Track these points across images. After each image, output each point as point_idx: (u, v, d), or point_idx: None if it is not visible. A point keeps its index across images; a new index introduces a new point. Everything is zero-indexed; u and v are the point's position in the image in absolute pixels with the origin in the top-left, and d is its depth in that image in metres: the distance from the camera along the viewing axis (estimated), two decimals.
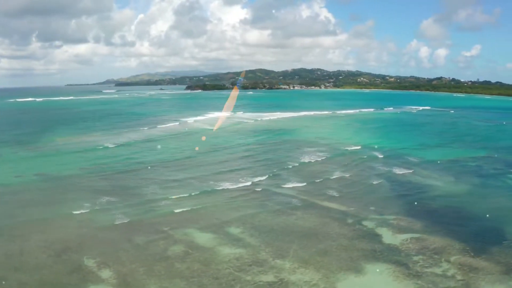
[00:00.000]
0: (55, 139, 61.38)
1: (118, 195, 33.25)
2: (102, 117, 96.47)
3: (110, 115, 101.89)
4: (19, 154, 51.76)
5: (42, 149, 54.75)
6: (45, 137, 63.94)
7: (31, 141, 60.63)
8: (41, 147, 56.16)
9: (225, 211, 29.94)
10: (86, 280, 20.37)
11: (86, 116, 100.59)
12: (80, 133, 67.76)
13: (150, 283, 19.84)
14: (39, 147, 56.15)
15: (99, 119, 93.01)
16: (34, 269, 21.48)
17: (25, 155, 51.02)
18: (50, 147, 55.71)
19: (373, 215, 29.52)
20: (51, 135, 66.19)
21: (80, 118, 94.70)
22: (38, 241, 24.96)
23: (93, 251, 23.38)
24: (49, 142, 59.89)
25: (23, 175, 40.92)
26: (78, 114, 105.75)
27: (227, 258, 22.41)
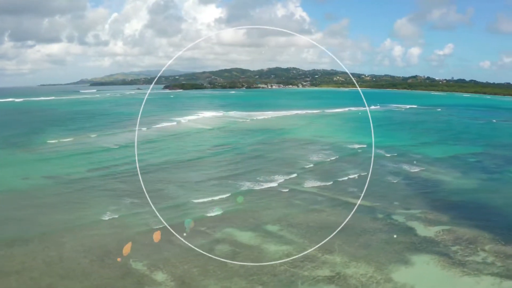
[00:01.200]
0: (50, 141, 60.13)
1: (140, 198, 33.01)
2: (90, 118, 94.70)
3: (98, 115, 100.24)
4: (18, 156, 50.58)
5: (40, 150, 53.61)
6: (38, 139, 62.57)
7: (25, 142, 59.19)
8: (38, 148, 54.96)
9: (257, 211, 30.61)
10: (142, 283, 20.44)
11: (74, 116, 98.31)
12: (74, 134, 66.53)
13: (210, 283, 20.29)
14: (36, 149, 54.92)
15: (88, 119, 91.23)
16: (81, 275, 21.27)
17: (24, 157, 49.84)
18: (48, 149, 54.58)
19: (400, 210, 31.12)
20: (43, 136, 64.81)
21: (68, 118, 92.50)
22: (74, 246, 24.58)
23: (138, 255, 23.22)
24: (44, 143, 58.69)
25: (30, 178, 40.20)
26: (65, 115, 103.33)
27: (277, 255, 23.22)
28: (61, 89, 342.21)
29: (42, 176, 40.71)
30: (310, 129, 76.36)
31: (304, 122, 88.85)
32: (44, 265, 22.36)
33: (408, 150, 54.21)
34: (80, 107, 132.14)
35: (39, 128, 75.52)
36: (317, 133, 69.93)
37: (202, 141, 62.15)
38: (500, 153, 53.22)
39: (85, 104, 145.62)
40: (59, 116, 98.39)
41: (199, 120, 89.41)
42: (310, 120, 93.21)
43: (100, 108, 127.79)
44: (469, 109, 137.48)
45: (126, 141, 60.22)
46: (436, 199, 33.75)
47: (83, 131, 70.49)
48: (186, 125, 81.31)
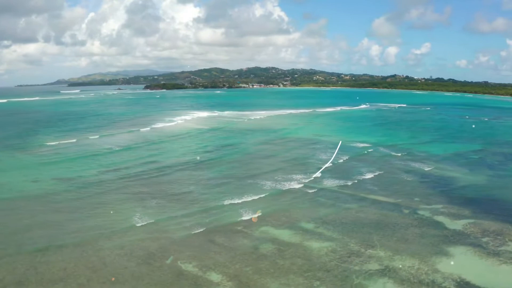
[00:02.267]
0: (49, 142, 59.20)
1: (167, 201, 33.45)
2: (82, 118, 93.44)
3: (88, 116, 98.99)
4: (20, 159, 49.72)
5: (42, 153, 52.91)
6: (36, 140, 61.59)
7: (23, 144, 58.19)
8: (39, 151, 54.17)
9: (288, 210, 31.45)
10: (199, 284, 20.77)
11: (64, 117, 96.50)
12: (71, 135, 65.57)
13: (268, 281, 21.00)
14: (36, 151, 54.12)
15: (80, 120, 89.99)
16: (132, 279, 21.38)
17: (27, 160, 49.05)
18: (50, 151, 53.84)
19: (422, 205, 32.84)
20: (40, 138, 63.89)
21: (59, 119, 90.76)
22: (113, 251, 24.53)
23: (184, 256, 23.67)
24: (43, 145, 57.81)
25: (39, 181, 39.82)
26: (55, 116, 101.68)
27: (322, 252, 24.31)
28: (40, 90, 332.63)
29: (51, 178, 40.40)
30: (309, 128, 77.92)
31: (300, 122, 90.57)
32: (89, 271, 22.28)
33: (412, 148, 56.47)
34: (67, 107, 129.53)
35: (32, 129, 74.01)
36: (317, 132, 71.57)
37: (207, 141, 62.55)
38: (499, 151, 56.32)
39: (72, 105, 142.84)
40: (49, 117, 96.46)
41: (195, 120, 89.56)
42: (306, 120, 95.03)
43: (88, 108, 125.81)
44: (456, 108, 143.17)
45: (128, 142, 60.13)
46: (453, 195, 35.71)
47: (79, 132, 69.53)
48: (184, 125, 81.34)
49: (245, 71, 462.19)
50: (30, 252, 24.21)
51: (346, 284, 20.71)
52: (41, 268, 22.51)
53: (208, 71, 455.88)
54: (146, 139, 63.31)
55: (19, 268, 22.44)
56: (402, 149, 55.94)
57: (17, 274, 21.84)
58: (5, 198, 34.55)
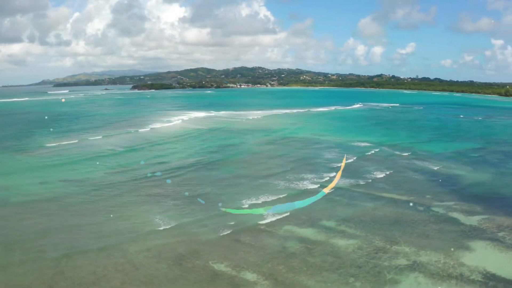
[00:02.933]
0: (48, 144, 58.82)
1: (184, 203, 33.46)
2: (76, 119, 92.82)
3: (82, 117, 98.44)
4: (20, 160, 49.45)
5: (41, 154, 52.66)
6: (34, 142, 61.12)
7: (20, 146, 57.85)
8: (38, 152, 53.88)
9: (306, 209, 31.78)
10: (237, 284, 21.16)
11: (58, 118, 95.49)
12: (67, 136, 65.43)
13: (303, 279, 21.58)
14: (36, 152, 53.83)
15: (74, 121, 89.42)
16: (167, 280, 21.57)
17: (28, 161, 48.74)
18: (50, 152, 53.62)
19: (435, 202, 34.06)
20: (37, 139, 63.49)
21: (53, 120, 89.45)
22: (140, 253, 24.63)
23: (214, 257, 23.99)
24: (42, 146, 57.51)
25: (47, 183, 39.58)
26: (48, 116, 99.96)
27: (350, 249, 25.14)
28: (26, 90, 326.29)
29: (61, 180, 40.26)
30: (309, 128, 78.93)
31: (297, 121, 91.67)
32: (120, 274, 22.37)
33: (414, 148, 57.92)
34: (58, 108, 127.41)
35: (27, 130, 73.34)
36: (318, 132, 72.66)
37: (209, 142, 62.84)
38: (497, 149, 58.32)
39: (63, 106, 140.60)
40: (41, 118, 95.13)
41: (193, 121, 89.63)
42: (303, 119, 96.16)
43: (80, 109, 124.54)
44: (447, 107, 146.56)
45: (130, 143, 60.01)
46: (462, 192, 37.11)
47: (77, 133, 69.10)
48: (182, 125, 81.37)
49: (232, 71, 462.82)
50: (53, 257, 24.07)
51: (379, 279, 21.55)
52: (68, 272, 22.46)
53: (194, 71, 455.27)
54: (147, 140, 63.29)
55: (46, 273, 22.34)
56: (405, 148, 57.39)
57: (45, 279, 21.80)
58: (16, 202, 34.21)
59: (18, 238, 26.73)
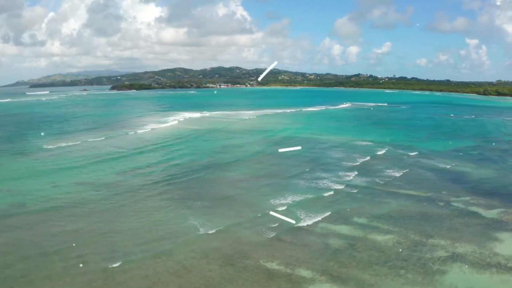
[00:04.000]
0: (44, 146, 58.52)
1: (214, 205, 33.88)
2: (65, 121, 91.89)
3: (71, 118, 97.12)
4: (23, 162, 48.96)
5: (44, 156, 52.36)
6: (29, 144, 60.75)
7: (18, 148, 57.34)
8: (39, 154, 53.61)
9: (334, 207, 33.54)
10: (296, 282, 21.89)
11: (47, 119, 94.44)
12: (64, 138, 65.39)
13: (357, 273, 22.74)
14: (37, 154, 53.57)
15: (64, 122, 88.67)
16: (225, 281, 21.92)
17: (32, 164, 48.29)
18: (52, 154, 53.38)
19: (452, 198, 36.21)
20: (32, 141, 63.19)
21: (42, 121, 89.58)
22: (187, 254, 24.86)
23: (261, 256, 24.56)
24: (41, 149, 57.08)
25: (60, 186, 39.38)
26: (36, 118, 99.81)
27: (390, 244, 26.66)
28: (3, 92, 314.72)
29: (72, 182, 40.31)
30: (306, 128, 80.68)
31: (293, 121, 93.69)
32: (174, 276, 22.57)
33: (415, 146, 60.65)
34: (44, 109, 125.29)
35: (19, 132, 72.50)
36: (317, 132, 74.54)
37: (213, 142, 63.46)
38: (494, 147, 61.82)
39: (48, 107, 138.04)
40: (30, 119, 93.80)
41: (190, 121, 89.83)
42: (298, 119, 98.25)
43: (67, 110, 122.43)
44: (434, 106, 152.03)
45: (134, 145, 60.05)
46: (474, 188, 39.51)
47: (72, 135, 68.89)
48: (180, 126, 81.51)
49: (209, 71, 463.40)
50: (99, 265, 23.64)
51: (427, 270, 23.15)
52: (120, 278, 22.38)
53: (172, 71, 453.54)
54: (150, 141, 63.33)
55: (96, 280, 22.16)
56: (409, 147, 59.96)
57: (96, 286, 21.72)
58: (37, 208, 33.24)
59: (54, 246, 26.07)
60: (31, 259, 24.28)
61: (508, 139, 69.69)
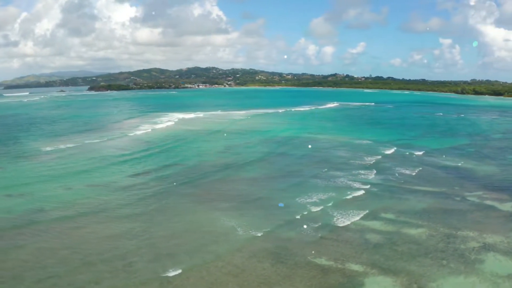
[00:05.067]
0: (42, 148, 58.06)
1: (242, 205, 34.35)
2: (54, 122, 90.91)
3: (59, 120, 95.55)
4: (26, 166, 48.37)
5: (45, 159, 52.02)
6: (25, 146, 60.39)
7: (14, 151, 56.88)
8: (40, 157, 53.25)
9: (357, 203, 34.93)
10: (350, 275, 22.84)
11: (34, 121, 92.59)
12: (59, 140, 65.02)
13: (405, 265, 24.17)
14: (37, 157, 53.13)
15: (53, 124, 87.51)
16: (282, 278, 22.54)
17: (36, 167, 47.89)
18: (54, 157, 52.99)
19: (466, 193, 38.46)
20: (27, 143, 62.84)
21: (29, 123, 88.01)
22: (235, 254, 25.46)
23: (308, 253, 25.40)
24: (39, 151, 56.60)
25: (73, 188, 39.34)
26: (21, 120, 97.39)
27: (423, 237, 28.33)
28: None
29: (85, 185, 40.36)
30: (305, 128, 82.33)
31: (285, 121, 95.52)
32: (231, 277, 22.87)
33: (417, 144, 63.31)
34: (27, 110, 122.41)
35: (10, 134, 71.44)
36: (316, 131, 76.22)
37: (215, 143, 63.93)
38: (489, 144, 65.48)
39: (32, 108, 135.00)
40: (17, 121, 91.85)
41: (185, 122, 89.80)
42: (290, 119, 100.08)
43: (52, 111, 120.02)
44: (420, 105, 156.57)
45: (138, 147, 59.92)
46: (482, 183, 41.95)
47: (67, 137, 68.29)
48: (177, 127, 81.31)
49: (185, 71, 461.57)
50: (153, 272, 23.49)
51: (467, 260, 24.92)
52: (176, 282, 22.37)
53: (147, 71, 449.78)
54: (153, 143, 63.27)
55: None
56: (410, 145, 62.23)
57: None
58: (60, 215, 32.44)
59: (96, 254, 25.50)
60: (75, 268, 23.89)
61: (499, 137, 73.87)
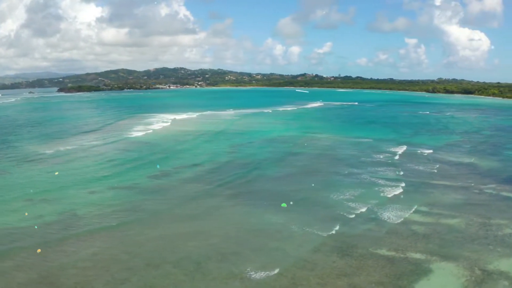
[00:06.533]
0: (40, 150, 57.63)
1: (295, 204, 34.69)
2: (37, 125, 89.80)
3: (44, 122, 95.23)
4: (32, 169, 47.99)
5: (51, 162, 51.82)
6: (21, 149, 59.84)
7: (13, 154, 56.06)
8: (44, 159, 53.14)
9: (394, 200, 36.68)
10: (415, 263, 24.63)
11: (15, 123, 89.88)
12: (55, 142, 64.81)
13: (457, 251, 26.32)
14: (41, 159, 52.99)
15: (41, 126, 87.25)
16: (356, 269, 24.00)
17: (42, 169, 47.83)
18: (57, 160, 52.79)
19: (481, 186, 41.49)
20: (21, 146, 62.43)
21: (13, 125, 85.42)
22: (303, 252, 26.29)
23: (366, 245, 27.11)
24: (39, 153, 56.17)
25: (97, 191, 39.36)
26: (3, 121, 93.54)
27: (462, 226, 30.72)
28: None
29: (108, 187, 40.32)
30: (303, 128, 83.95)
31: (281, 121, 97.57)
32: (308, 271, 23.92)
33: (416, 142, 66.35)
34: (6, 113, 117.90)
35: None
36: (316, 131, 78.35)
37: (217, 143, 64.61)
38: (481, 140, 70.18)
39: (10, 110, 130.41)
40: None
41: (180, 123, 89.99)
42: (284, 119, 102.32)
43: (32, 114, 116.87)
44: (400, 104, 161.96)
45: (138, 148, 60.48)
46: (491, 176, 45.34)
47: (62, 139, 68.49)
48: (174, 128, 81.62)
49: (153, 71, 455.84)
50: (227, 272, 23.90)
51: (510, 244, 27.23)
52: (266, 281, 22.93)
53: (115, 72, 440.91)
54: (156, 144, 63.57)
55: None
56: (413, 144, 64.74)
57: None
58: (98, 218, 32.34)
59: (158, 257, 25.57)
60: (144, 272, 23.95)
61: (489, 133, 79.00)
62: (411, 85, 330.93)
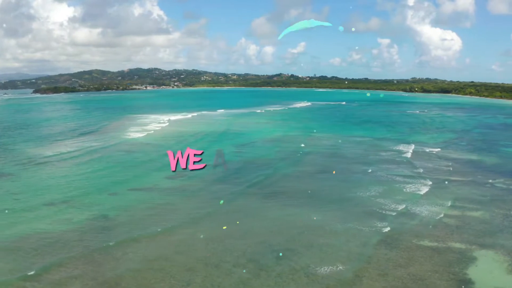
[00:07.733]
0: (41, 153, 56.95)
1: (327, 205, 35.63)
2: (28, 126, 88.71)
3: (33, 124, 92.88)
4: (41, 172, 47.30)
5: (57, 164, 51.41)
6: (20, 151, 59.18)
7: (14, 156, 55.33)
8: (49, 162, 52.35)
9: (419, 195, 38.67)
10: (456, 252, 26.36)
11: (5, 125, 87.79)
12: (53, 144, 64.38)
13: (491, 240, 28.35)
14: (46, 162, 52.22)
15: (32, 127, 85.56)
16: (409, 260, 25.35)
17: (51, 172, 47.33)
18: (62, 162, 52.28)
19: (490, 180, 44.25)
20: (19, 149, 60.82)
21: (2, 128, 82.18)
22: (347, 246, 27.42)
23: (410, 238, 28.51)
24: (42, 156, 55.20)
25: (118, 193, 39.37)
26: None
27: (487, 217, 33.12)
28: None
29: (127, 189, 40.18)
30: (299, 127, 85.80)
31: (271, 121, 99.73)
32: (365, 263, 25.08)
33: (417, 141, 68.81)
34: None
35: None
36: (314, 130, 78.75)
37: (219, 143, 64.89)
38: (476, 137, 74.02)
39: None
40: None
41: (178, 123, 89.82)
42: (276, 119, 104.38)
43: (17, 116, 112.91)
44: (386, 103, 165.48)
45: (141, 149, 60.22)
46: (495, 171, 48.27)
47: (61, 142, 67.47)
48: (174, 129, 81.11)
49: (127, 72, 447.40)
50: (290, 269, 24.49)
51: None
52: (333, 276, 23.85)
53: (88, 73, 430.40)
54: (161, 145, 62.87)
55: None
56: (416, 142, 66.80)
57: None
58: (130, 222, 32.10)
59: (228, 257, 25.94)
60: (201, 274, 23.96)
61: (481, 131, 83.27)
62: (388, 84, 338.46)
